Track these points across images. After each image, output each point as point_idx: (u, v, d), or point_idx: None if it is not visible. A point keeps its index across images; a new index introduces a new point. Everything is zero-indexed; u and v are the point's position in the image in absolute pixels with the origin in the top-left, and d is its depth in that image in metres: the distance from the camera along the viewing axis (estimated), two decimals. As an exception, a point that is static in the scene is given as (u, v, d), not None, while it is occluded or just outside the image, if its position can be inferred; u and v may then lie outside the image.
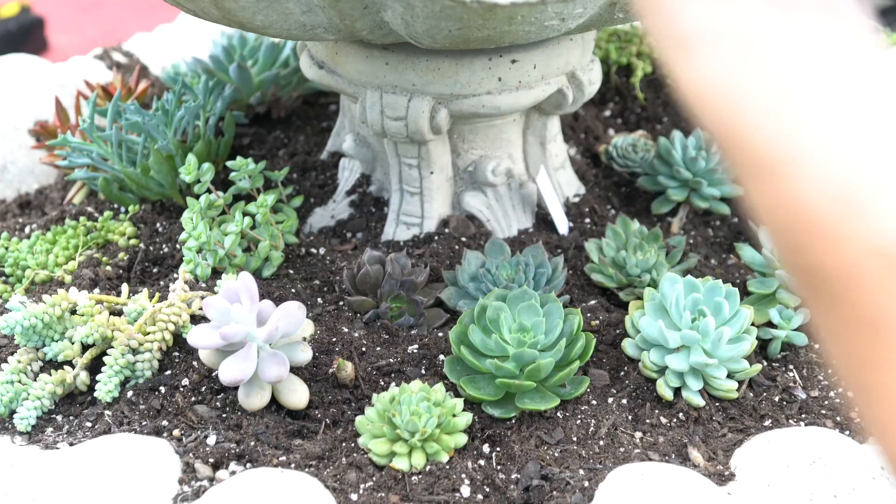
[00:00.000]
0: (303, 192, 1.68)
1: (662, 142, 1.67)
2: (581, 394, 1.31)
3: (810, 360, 1.40)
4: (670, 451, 1.25)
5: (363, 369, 1.33)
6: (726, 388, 1.31)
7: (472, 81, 1.45)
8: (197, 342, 1.24)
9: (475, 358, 1.29)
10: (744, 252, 1.47)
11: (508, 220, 1.59)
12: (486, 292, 1.42)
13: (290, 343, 1.29)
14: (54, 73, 2.00)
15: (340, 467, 1.20)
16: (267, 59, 1.90)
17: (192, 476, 1.18)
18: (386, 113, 1.48)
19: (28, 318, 1.31)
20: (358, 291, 1.45)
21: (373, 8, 1.23)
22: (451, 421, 1.23)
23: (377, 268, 1.44)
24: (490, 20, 1.20)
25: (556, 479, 1.19)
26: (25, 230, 1.66)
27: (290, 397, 1.28)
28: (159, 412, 1.28)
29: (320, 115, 1.93)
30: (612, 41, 2.01)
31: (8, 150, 1.83)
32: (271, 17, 1.27)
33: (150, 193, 1.64)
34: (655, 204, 1.67)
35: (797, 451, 1.19)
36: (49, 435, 1.28)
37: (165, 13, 2.78)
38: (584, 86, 1.56)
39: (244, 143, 1.86)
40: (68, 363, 1.35)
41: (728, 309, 1.33)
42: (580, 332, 1.33)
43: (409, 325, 1.43)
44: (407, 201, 1.57)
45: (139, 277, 1.53)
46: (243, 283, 1.25)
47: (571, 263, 1.54)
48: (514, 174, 1.61)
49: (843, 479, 1.15)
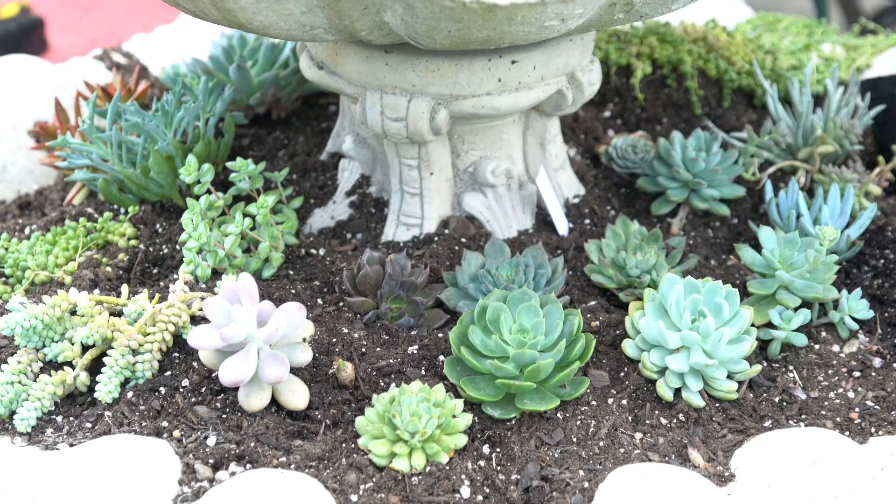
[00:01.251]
0: (303, 193, 1.68)
1: (662, 143, 1.67)
2: (581, 394, 1.31)
3: (810, 360, 1.40)
4: (670, 452, 1.25)
5: (363, 370, 1.34)
6: (726, 388, 1.31)
7: (471, 82, 1.45)
8: (197, 343, 1.24)
9: (475, 359, 1.29)
10: (744, 253, 1.47)
11: (508, 221, 1.59)
12: (486, 293, 1.42)
13: (290, 344, 1.29)
14: (54, 73, 2.00)
15: (340, 468, 1.20)
16: (267, 59, 1.91)
17: (192, 477, 1.18)
18: (386, 114, 1.48)
19: (28, 318, 1.31)
20: (358, 292, 1.45)
21: (373, 8, 1.23)
22: (451, 422, 1.23)
23: (377, 268, 1.44)
24: (490, 20, 1.20)
25: (556, 479, 1.19)
26: (25, 231, 1.66)
27: (290, 398, 1.28)
28: (159, 413, 1.28)
29: (320, 116, 1.93)
30: (612, 42, 2.01)
31: (8, 151, 1.83)
32: (271, 18, 1.27)
33: (149, 194, 1.64)
34: (655, 205, 1.67)
35: (797, 452, 1.19)
36: (49, 436, 1.28)
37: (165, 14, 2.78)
38: (584, 86, 1.56)
39: (244, 143, 1.86)
40: (68, 364, 1.35)
41: (728, 310, 1.33)
42: (580, 333, 1.33)
43: (409, 326, 1.43)
44: (407, 202, 1.57)
45: (139, 278, 1.53)
46: (243, 284, 1.25)
47: (571, 264, 1.54)
48: (513, 175, 1.61)
49: (843, 480, 1.15)
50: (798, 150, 1.73)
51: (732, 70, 1.96)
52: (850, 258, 1.57)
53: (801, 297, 1.41)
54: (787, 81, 1.89)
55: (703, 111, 1.93)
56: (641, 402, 1.32)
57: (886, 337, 1.46)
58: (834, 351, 1.43)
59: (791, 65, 2.05)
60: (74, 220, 1.64)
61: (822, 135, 1.70)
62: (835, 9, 3.55)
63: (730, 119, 1.93)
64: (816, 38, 2.21)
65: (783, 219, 1.57)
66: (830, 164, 1.74)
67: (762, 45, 2.09)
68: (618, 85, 1.95)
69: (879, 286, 1.53)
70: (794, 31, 2.26)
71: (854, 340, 1.44)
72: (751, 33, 2.20)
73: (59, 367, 1.35)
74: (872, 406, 1.33)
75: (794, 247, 1.43)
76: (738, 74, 1.98)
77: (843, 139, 1.72)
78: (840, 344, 1.44)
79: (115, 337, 1.32)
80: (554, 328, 1.31)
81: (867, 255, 1.57)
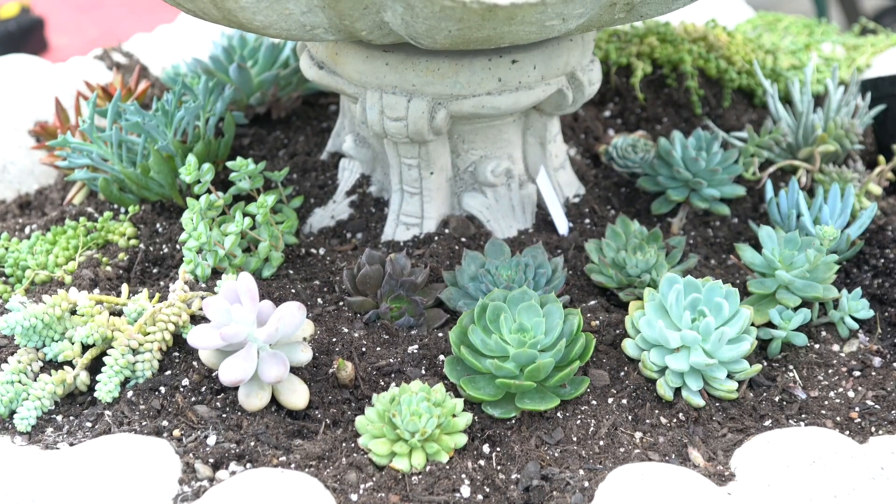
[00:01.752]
0: (303, 193, 1.68)
1: (662, 142, 1.67)
2: (581, 394, 1.31)
3: (810, 360, 1.40)
4: (670, 452, 1.25)
5: (363, 369, 1.34)
6: (726, 388, 1.31)
7: (471, 82, 1.45)
8: (197, 343, 1.24)
9: (475, 358, 1.29)
10: (744, 252, 1.47)
11: (508, 221, 1.59)
12: (486, 292, 1.42)
13: (290, 343, 1.29)
14: (54, 73, 2.00)
15: (340, 467, 1.20)
16: (267, 59, 1.91)
17: (193, 476, 1.18)
18: (386, 113, 1.48)
19: (28, 318, 1.31)
20: (358, 291, 1.45)
21: (373, 8, 1.23)
22: (451, 421, 1.23)
23: (377, 268, 1.44)
24: (490, 20, 1.20)
25: (556, 479, 1.19)
26: (25, 231, 1.66)
27: (290, 397, 1.28)
28: (159, 412, 1.28)
29: (320, 116, 1.93)
30: (612, 41, 2.01)
31: (8, 151, 1.83)
32: (271, 18, 1.27)
33: (149, 194, 1.64)
34: (655, 204, 1.67)
35: (797, 452, 1.19)
36: (49, 435, 1.28)
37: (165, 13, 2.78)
38: (584, 86, 1.56)
39: (244, 143, 1.86)
40: (68, 363, 1.35)
41: (728, 309, 1.33)
42: (580, 333, 1.33)
43: (409, 326, 1.43)
44: (407, 202, 1.57)
45: (139, 278, 1.53)
46: (243, 284, 1.25)
47: (571, 264, 1.54)
48: (513, 174, 1.61)
49: (843, 480, 1.15)
50: (798, 150, 1.73)
51: (733, 70, 1.96)
52: (851, 258, 1.57)
53: (801, 297, 1.41)
54: (787, 81, 1.89)
55: (704, 111, 1.93)
56: (641, 401, 1.32)
57: (886, 336, 1.46)
58: (834, 350, 1.43)
59: (791, 64, 2.05)
60: (74, 219, 1.64)
61: (823, 134, 1.70)
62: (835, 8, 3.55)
63: (730, 119, 1.93)
64: (817, 38, 2.21)
65: (783, 218, 1.57)
66: (831, 163, 1.74)
67: (762, 44, 2.09)
68: (618, 84, 1.95)
69: (879, 286, 1.53)
70: (795, 31, 2.26)
71: (854, 340, 1.44)
72: (751, 33, 2.20)
73: (59, 366, 1.35)
74: (872, 405, 1.33)
75: (794, 246, 1.43)
76: (739, 74, 1.98)
77: (843, 139, 1.73)
78: (840, 343, 1.44)
79: (115, 336, 1.32)
80: (554, 328, 1.31)
81: (867, 254, 1.57)
